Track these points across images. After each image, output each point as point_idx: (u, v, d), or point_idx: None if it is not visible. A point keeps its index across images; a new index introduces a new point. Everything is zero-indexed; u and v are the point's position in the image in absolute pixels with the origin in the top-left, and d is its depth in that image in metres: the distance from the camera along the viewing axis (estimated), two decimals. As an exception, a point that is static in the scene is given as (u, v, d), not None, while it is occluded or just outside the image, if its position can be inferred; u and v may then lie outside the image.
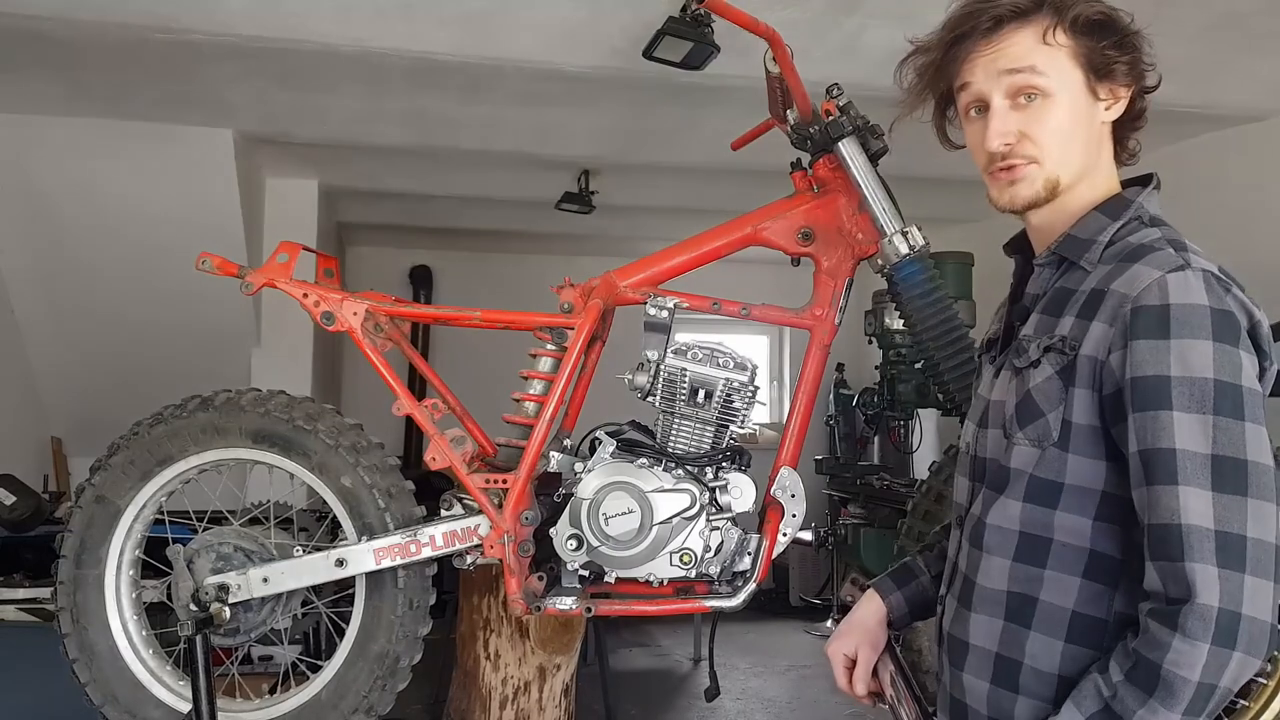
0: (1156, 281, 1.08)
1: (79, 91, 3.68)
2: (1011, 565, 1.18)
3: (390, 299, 2.24)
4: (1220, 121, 3.90)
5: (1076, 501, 1.14)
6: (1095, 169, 1.22)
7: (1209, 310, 1.05)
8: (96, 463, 2.19)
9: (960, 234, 5.80)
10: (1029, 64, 1.17)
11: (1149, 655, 1.02)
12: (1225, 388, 1.03)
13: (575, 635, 2.88)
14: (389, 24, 2.98)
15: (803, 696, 4.83)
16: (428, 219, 6.10)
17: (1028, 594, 1.17)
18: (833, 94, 2.10)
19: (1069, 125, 1.18)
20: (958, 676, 1.24)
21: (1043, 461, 1.16)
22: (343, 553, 2.08)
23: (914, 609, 1.47)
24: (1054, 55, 1.17)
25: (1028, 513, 1.17)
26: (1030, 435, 1.16)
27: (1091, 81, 1.18)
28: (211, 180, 4.32)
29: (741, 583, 2.13)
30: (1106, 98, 1.20)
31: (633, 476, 2.06)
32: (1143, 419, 1.06)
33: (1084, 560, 1.14)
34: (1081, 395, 1.12)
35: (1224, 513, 1.01)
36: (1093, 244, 1.19)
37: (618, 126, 4.11)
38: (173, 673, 2.20)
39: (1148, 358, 1.06)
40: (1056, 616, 1.14)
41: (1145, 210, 1.20)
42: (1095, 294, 1.14)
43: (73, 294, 4.68)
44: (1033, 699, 1.15)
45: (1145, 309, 1.07)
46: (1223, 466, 1.02)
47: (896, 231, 2.06)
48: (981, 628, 1.21)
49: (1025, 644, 1.16)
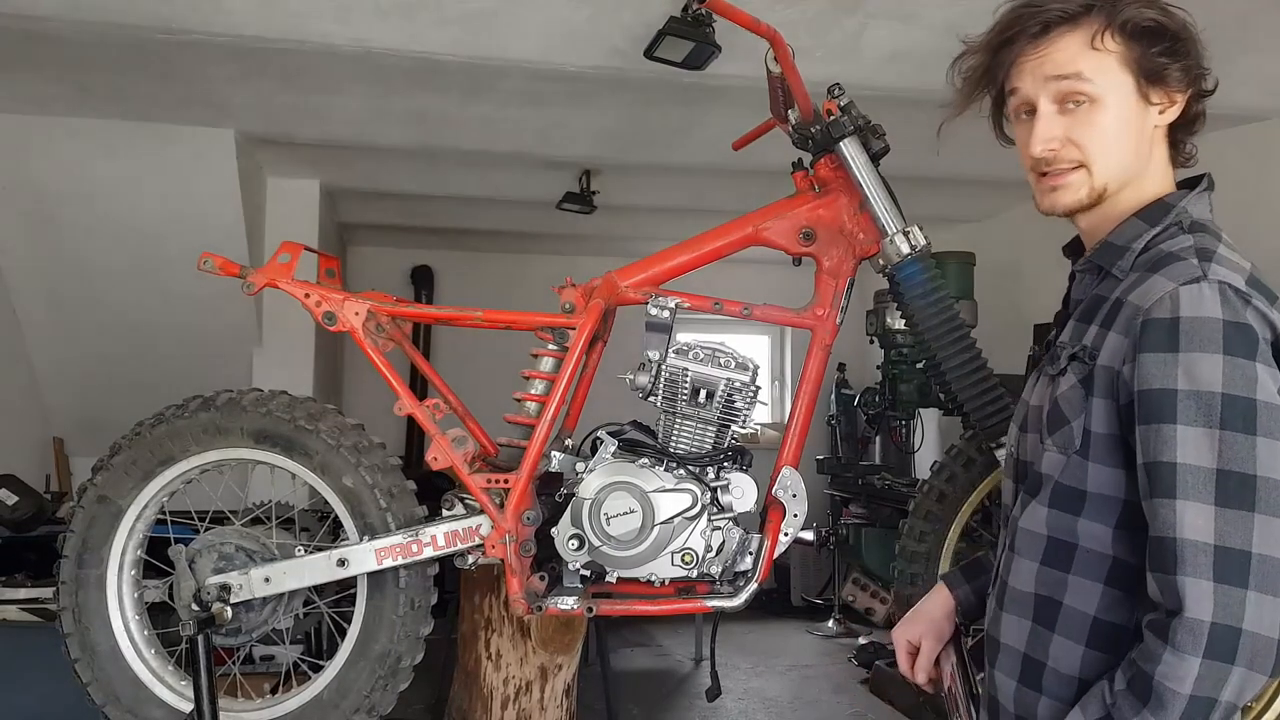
0: (1169, 294, 1.07)
1: (81, 92, 3.68)
2: (1039, 568, 1.20)
3: (392, 299, 2.25)
4: (1222, 121, 3.89)
5: (1098, 509, 1.14)
6: (1145, 173, 1.21)
7: (1221, 323, 1.04)
8: (98, 463, 2.19)
9: (962, 234, 5.80)
10: (1075, 70, 1.15)
11: (1144, 666, 1.03)
12: (1235, 401, 1.03)
13: (577, 635, 2.88)
14: (390, 24, 2.98)
15: (804, 696, 4.82)
16: (429, 219, 6.10)
17: (1053, 597, 1.18)
18: (834, 94, 2.10)
19: (1116, 131, 1.17)
20: (992, 674, 1.27)
21: (1067, 468, 1.16)
22: (344, 553, 2.08)
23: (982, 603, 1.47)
24: (1102, 60, 1.15)
25: (1053, 518, 1.18)
26: (1058, 442, 1.17)
27: (1143, 87, 1.16)
28: (213, 180, 4.32)
29: (743, 582, 2.13)
30: (1160, 101, 1.18)
31: (634, 476, 2.06)
32: (1147, 432, 1.06)
33: (1106, 566, 1.14)
34: (1100, 405, 1.13)
35: (1227, 528, 1.01)
36: (1127, 251, 1.18)
37: (619, 126, 4.10)
38: (174, 672, 2.20)
39: (1155, 371, 1.06)
40: (1078, 621, 1.15)
41: (1188, 215, 1.18)
42: (1117, 303, 1.14)
43: (75, 294, 4.68)
44: (1054, 700, 1.17)
45: (1155, 321, 1.07)
46: (1229, 481, 1.02)
47: (898, 231, 2.06)
48: (1012, 628, 1.23)
49: (1049, 646, 1.18)
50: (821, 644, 5.78)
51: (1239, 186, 3.94)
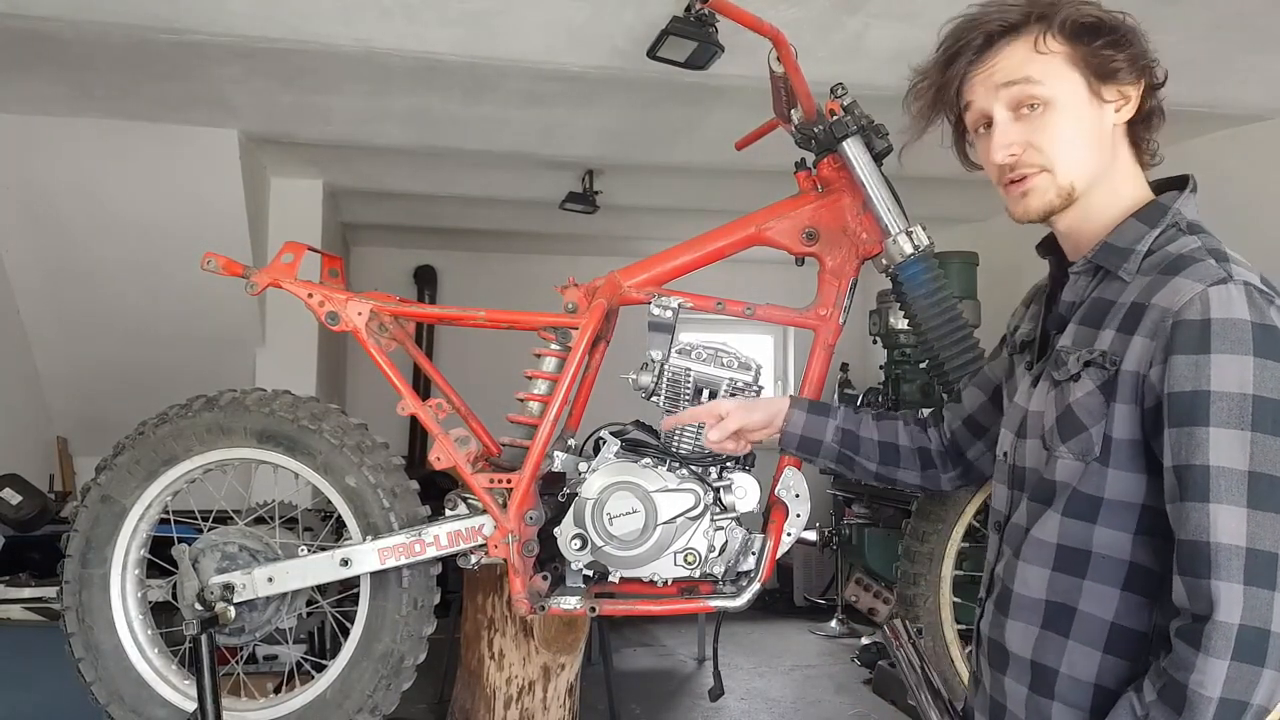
0: (1198, 295, 1.06)
1: (84, 92, 3.69)
2: (1051, 575, 1.19)
3: (395, 299, 2.25)
4: (1225, 121, 3.89)
5: (1117, 515, 1.13)
6: (1112, 172, 1.21)
7: (1250, 325, 1.04)
8: (102, 462, 2.19)
9: (965, 233, 5.79)
10: (1024, 75, 1.17)
11: (1176, 675, 1.02)
12: (1266, 403, 1.02)
13: (579, 635, 2.88)
14: (392, 24, 2.99)
15: (807, 696, 4.82)
16: (432, 219, 6.11)
17: (1066, 604, 1.17)
18: (837, 93, 2.10)
19: (1074, 130, 1.18)
20: (999, 680, 1.25)
21: (1085, 476, 1.15)
22: (347, 552, 2.08)
23: (804, 437, 1.64)
24: (1049, 62, 1.17)
25: (1067, 526, 1.17)
26: (1073, 449, 1.16)
27: (1094, 84, 1.17)
28: (216, 181, 4.33)
29: (746, 583, 2.13)
30: (1114, 99, 1.19)
31: (637, 476, 2.06)
32: (1179, 434, 1.05)
33: (1124, 572, 1.13)
34: (1123, 410, 1.12)
35: (1258, 530, 1.01)
36: (1131, 253, 1.17)
37: (622, 126, 4.11)
38: (178, 672, 2.20)
39: (1186, 373, 1.05)
40: (1095, 627, 1.15)
41: (1183, 216, 1.19)
42: (1136, 307, 1.13)
43: (78, 294, 4.69)
44: (1069, 706, 1.16)
45: (1186, 323, 1.06)
46: (1260, 484, 1.02)
47: (901, 231, 2.06)
48: (1018, 634, 1.22)
49: (1064, 652, 1.17)
50: (824, 644, 5.78)
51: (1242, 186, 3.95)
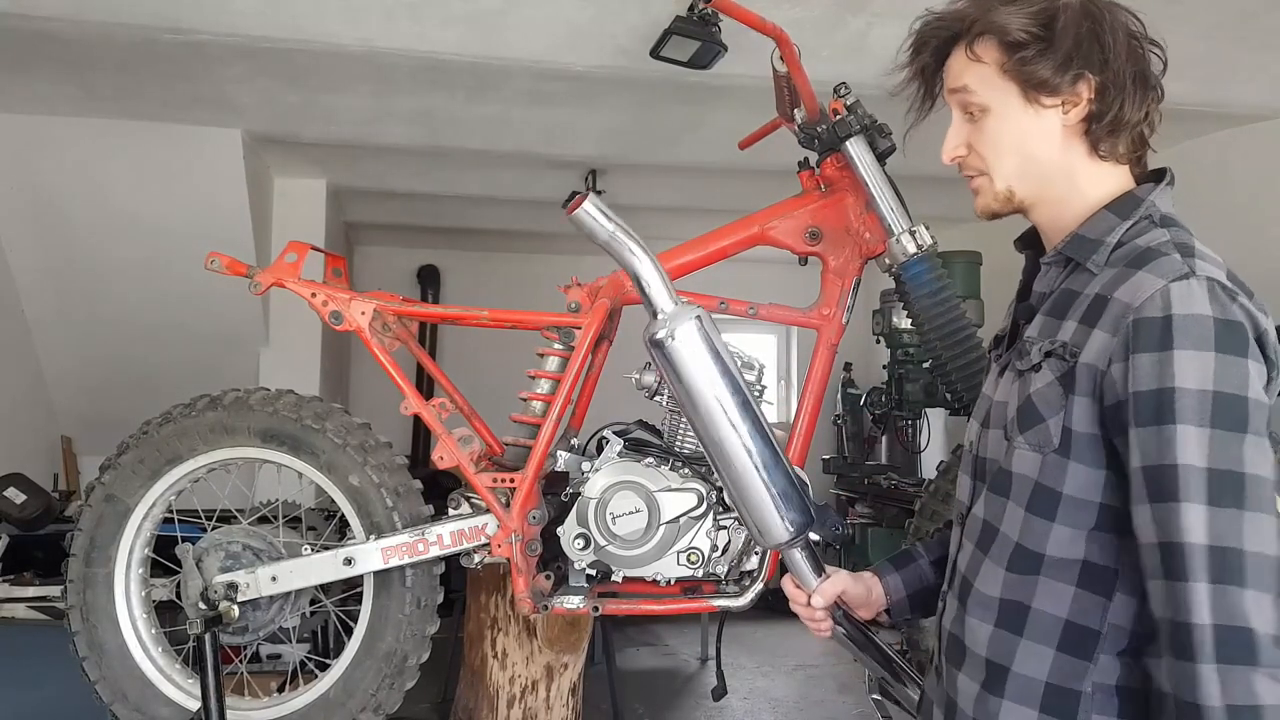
0: (1160, 291, 1.05)
1: (88, 92, 3.69)
2: (1005, 571, 1.18)
3: (398, 298, 2.25)
4: (1229, 120, 3.88)
5: (1073, 511, 1.12)
6: (1072, 172, 1.20)
7: (1212, 320, 1.03)
8: (106, 461, 2.20)
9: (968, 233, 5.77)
10: (963, 84, 1.21)
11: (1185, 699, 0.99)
12: (1226, 399, 1.02)
13: (582, 634, 2.88)
14: (396, 24, 2.99)
15: (810, 696, 4.82)
16: (435, 219, 6.11)
17: (1021, 601, 1.16)
18: (840, 93, 2.10)
19: (1010, 138, 1.19)
20: (954, 675, 1.24)
21: (1045, 467, 1.14)
22: (351, 551, 2.09)
23: (912, 594, 1.49)
24: (982, 72, 1.19)
25: (1025, 520, 1.16)
26: (1031, 440, 1.15)
27: (1028, 93, 1.17)
28: (220, 180, 4.33)
29: (749, 582, 2.13)
30: (1054, 104, 1.17)
31: (640, 476, 2.06)
32: (1145, 434, 1.04)
33: (1078, 570, 1.12)
34: (1081, 403, 1.11)
35: (1221, 528, 1.00)
36: (1101, 245, 1.17)
37: (625, 126, 4.10)
38: (182, 671, 2.21)
39: (1150, 370, 1.04)
40: (1048, 624, 1.13)
41: (1156, 209, 1.17)
42: (1099, 299, 1.12)
43: (82, 293, 4.70)
44: (1017, 704, 1.14)
45: (1147, 320, 1.05)
46: (1220, 480, 1.01)
47: (904, 231, 2.06)
48: (975, 630, 1.21)
49: (1015, 650, 1.15)
50: (827, 644, 5.75)
51: (1245, 185, 3.94)
